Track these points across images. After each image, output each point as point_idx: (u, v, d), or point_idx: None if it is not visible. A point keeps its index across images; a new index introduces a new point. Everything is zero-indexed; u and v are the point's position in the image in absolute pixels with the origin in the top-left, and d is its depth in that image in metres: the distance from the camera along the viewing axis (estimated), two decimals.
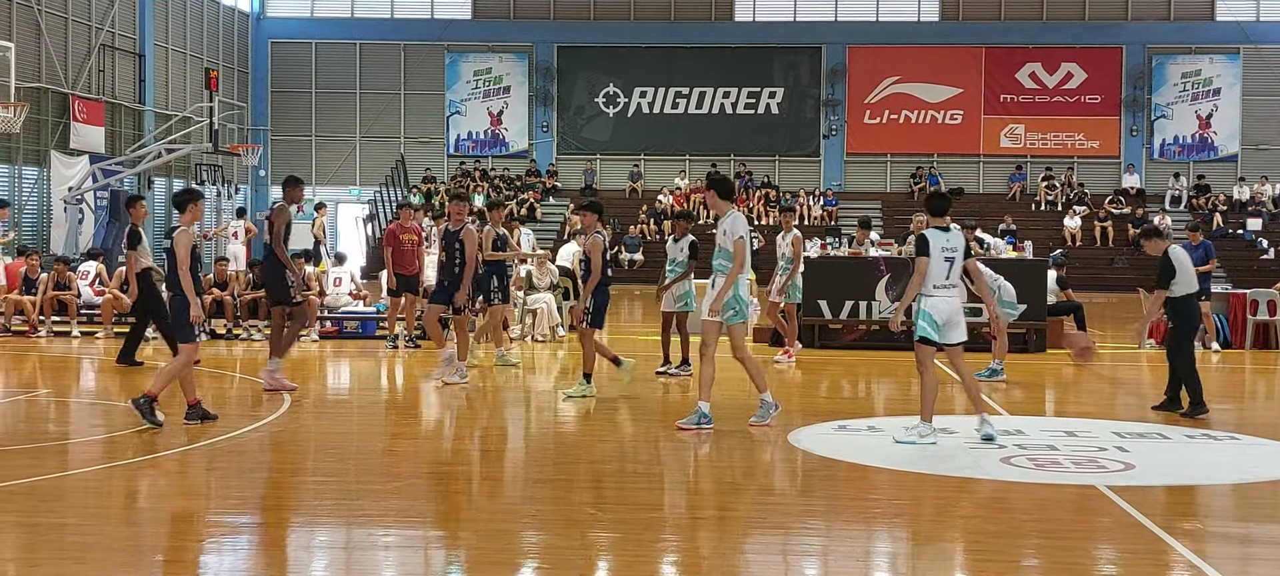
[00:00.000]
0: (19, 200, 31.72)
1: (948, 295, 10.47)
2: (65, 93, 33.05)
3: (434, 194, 41.87)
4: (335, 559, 7.33)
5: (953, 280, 10.48)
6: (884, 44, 44.31)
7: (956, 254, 10.54)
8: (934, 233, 10.46)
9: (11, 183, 31.50)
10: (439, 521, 8.13)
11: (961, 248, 10.57)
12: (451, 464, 10.35)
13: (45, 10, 32.53)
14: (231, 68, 43.28)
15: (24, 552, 7.15)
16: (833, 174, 44.42)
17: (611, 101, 44.97)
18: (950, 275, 10.43)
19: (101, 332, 19.65)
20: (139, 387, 11.94)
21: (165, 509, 8.46)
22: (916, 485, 9.19)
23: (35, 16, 32.05)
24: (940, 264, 10.47)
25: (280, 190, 14.19)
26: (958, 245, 10.52)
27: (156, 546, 7.46)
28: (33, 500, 8.36)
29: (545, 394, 14.35)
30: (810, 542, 7.65)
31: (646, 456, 10.38)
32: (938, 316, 10.42)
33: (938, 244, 10.51)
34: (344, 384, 15.49)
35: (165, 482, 9.09)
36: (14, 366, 16.55)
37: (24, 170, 31.90)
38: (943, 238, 10.46)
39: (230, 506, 8.56)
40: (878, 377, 15.66)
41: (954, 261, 10.53)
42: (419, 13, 44.90)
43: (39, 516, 7.93)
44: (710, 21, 44.66)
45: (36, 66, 31.83)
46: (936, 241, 10.40)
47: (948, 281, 10.46)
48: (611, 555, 7.25)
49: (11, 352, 17.72)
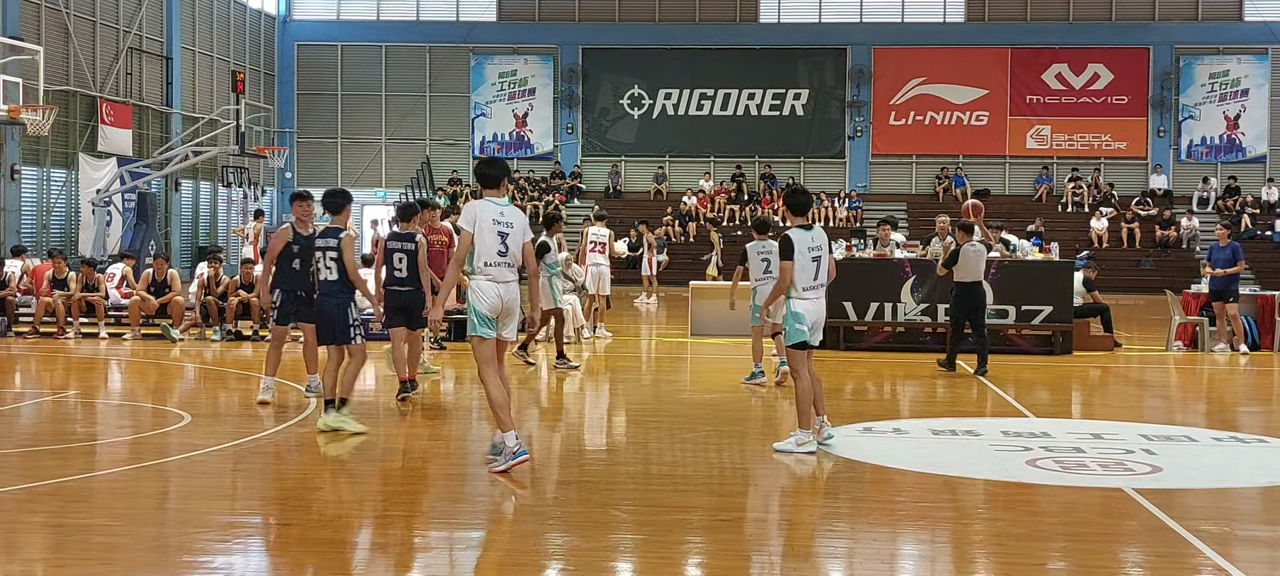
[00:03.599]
0: (47, 202, 31.94)
1: (816, 297, 10.13)
2: (93, 95, 33.27)
3: (459, 196, 41.98)
4: (360, 559, 7.35)
5: (820, 280, 10.12)
6: (909, 45, 44.18)
7: (822, 253, 10.17)
8: (798, 233, 10.00)
9: (40, 185, 31.73)
10: (464, 522, 8.14)
11: (825, 244, 10.19)
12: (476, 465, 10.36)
13: (73, 14, 32.75)
14: (258, 70, 43.49)
15: (51, 553, 7.20)
16: (858, 175, 44.31)
17: (636, 103, 44.99)
18: (818, 275, 10.08)
19: (129, 334, 19.77)
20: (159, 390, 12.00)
21: (191, 510, 8.50)
22: (941, 487, 9.15)
23: (63, 20, 32.29)
24: (808, 264, 10.06)
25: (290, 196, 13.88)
26: (823, 243, 10.14)
27: (182, 547, 7.49)
28: (60, 501, 8.41)
29: (569, 396, 14.36)
30: (835, 545, 7.63)
31: (671, 459, 10.37)
32: (808, 319, 10.03)
33: (803, 244, 10.05)
34: (369, 385, 15.52)
35: (191, 484, 9.13)
36: (42, 367, 16.66)
37: (52, 172, 32.13)
38: (807, 237, 10.04)
39: (255, 508, 8.60)
40: (903, 379, 15.60)
41: (820, 261, 10.14)
42: (445, 15, 45.02)
43: (66, 517, 7.98)
44: (735, 23, 44.63)
45: (65, 69, 32.06)
46: (801, 241, 9.97)
47: (816, 282, 10.11)
48: (636, 557, 7.25)
49: (40, 354, 17.85)
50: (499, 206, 9.31)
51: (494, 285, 9.23)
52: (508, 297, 9.30)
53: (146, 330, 19.92)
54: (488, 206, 9.27)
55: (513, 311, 9.39)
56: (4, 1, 29.24)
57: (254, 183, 40.03)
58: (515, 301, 9.39)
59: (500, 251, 9.21)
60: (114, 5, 35.03)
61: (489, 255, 9.20)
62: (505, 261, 9.24)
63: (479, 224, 9.19)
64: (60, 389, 14.47)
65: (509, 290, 9.31)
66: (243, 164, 37.71)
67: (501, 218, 9.25)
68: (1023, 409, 12.85)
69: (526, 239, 9.43)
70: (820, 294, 10.16)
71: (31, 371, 16.38)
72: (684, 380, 16.10)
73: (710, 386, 15.14)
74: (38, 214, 31.68)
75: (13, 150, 29.89)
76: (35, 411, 12.86)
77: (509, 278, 9.31)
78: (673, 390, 14.98)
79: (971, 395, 14.26)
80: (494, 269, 9.21)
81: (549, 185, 43.24)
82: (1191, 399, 15.14)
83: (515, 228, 9.30)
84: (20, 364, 16.99)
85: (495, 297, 9.23)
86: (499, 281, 9.23)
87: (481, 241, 9.20)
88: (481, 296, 9.24)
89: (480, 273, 9.27)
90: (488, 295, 9.23)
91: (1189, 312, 19.79)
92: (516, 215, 9.40)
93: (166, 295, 19.87)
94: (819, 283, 10.12)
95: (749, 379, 14.35)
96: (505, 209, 9.33)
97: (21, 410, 12.96)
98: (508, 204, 9.42)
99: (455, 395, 14.07)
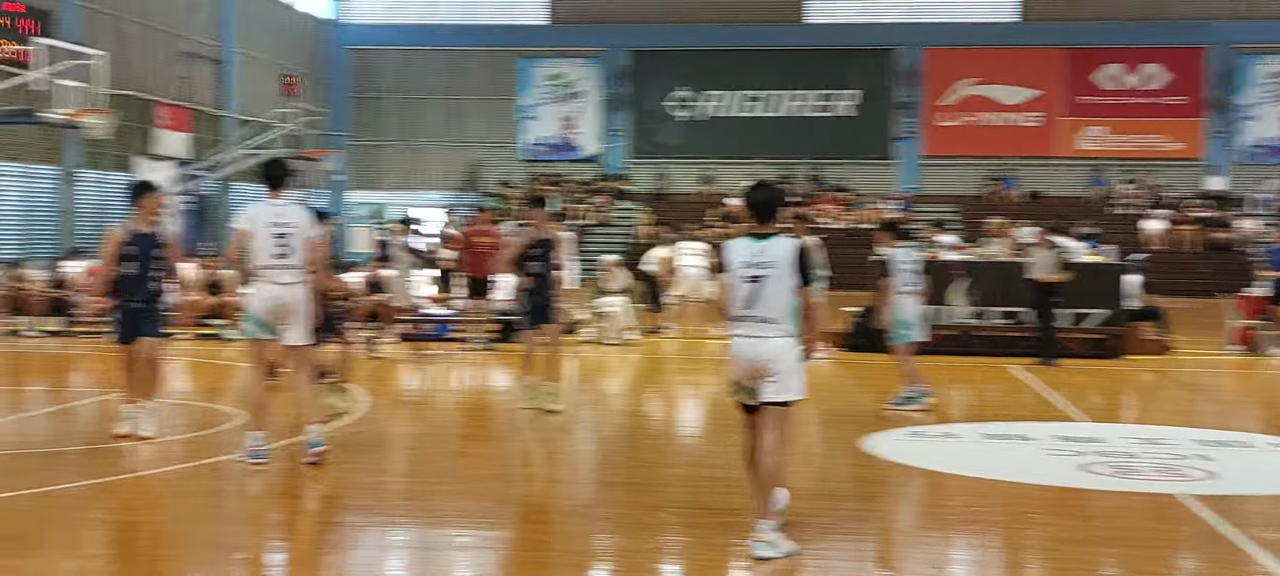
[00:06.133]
0: (106, 204, 32.37)
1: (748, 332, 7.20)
2: (149, 99, 33.70)
3: (507, 199, 42.14)
4: (411, 558, 7.42)
5: (759, 312, 7.13)
6: (959, 45, 43.86)
7: (290, 231, 9.32)
8: (740, 244, 7.29)
9: (99, 188, 32.19)
10: (512, 522, 8.20)
11: (302, 225, 9.20)
12: (524, 465, 10.42)
13: (131, 19, 33.20)
14: (310, 74, 43.87)
15: (110, 548, 7.32)
16: (908, 177, 44.08)
17: (683, 105, 44.97)
18: (755, 303, 7.14)
19: (184, 334, 19.99)
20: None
21: (246, 508, 8.62)
22: (991, 492, 9.11)
23: (121, 25, 32.73)
24: (267, 240, 9.28)
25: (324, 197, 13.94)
26: (294, 220, 9.17)
27: (236, 544, 7.60)
28: (119, 497, 8.56)
29: (616, 397, 14.40)
30: (884, 549, 7.62)
31: (721, 460, 10.38)
32: (262, 312, 9.11)
33: (264, 218, 9.34)
34: (419, 386, 15.65)
35: (246, 482, 9.24)
36: (98, 366, 16.91)
37: (110, 175, 32.57)
38: (752, 249, 7.24)
39: (309, 506, 8.70)
40: (952, 383, 15.51)
41: (287, 237, 9.29)
42: (495, 19, 45.21)
43: (125, 514, 8.11)
44: (782, 24, 44.50)
45: (123, 74, 32.49)
46: (737, 255, 7.23)
47: (749, 312, 7.17)
48: (683, 559, 7.27)
49: (98, 353, 18.11)
50: (277, 208, 9.44)
51: (269, 287, 9.36)
52: (287, 298, 9.40)
53: (200, 330, 20.16)
54: (265, 208, 9.43)
55: (292, 313, 9.42)
56: (64, 8, 29.70)
57: (306, 186, 40.38)
58: (296, 303, 9.42)
59: (276, 254, 9.33)
60: (169, 10, 35.45)
61: (264, 258, 9.33)
62: (285, 264, 9.33)
63: (255, 225, 9.34)
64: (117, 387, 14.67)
65: (289, 292, 9.40)
66: (295, 167, 38.06)
67: (281, 219, 9.39)
68: (1075, 413, 12.75)
69: (308, 237, 9.48)
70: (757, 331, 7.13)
71: (90, 370, 16.64)
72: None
73: None
74: (97, 216, 32.14)
75: (72, 154, 30.34)
76: (94, 410, 13.06)
77: (288, 280, 9.40)
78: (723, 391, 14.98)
79: (1022, 399, 14.16)
80: (270, 270, 9.34)
81: (594, 188, 43.31)
82: (1248, 403, 14.96)
83: (295, 228, 9.41)
84: (79, 363, 17.27)
85: (270, 299, 9.37)
86: (274, 282, 9.36)
87: (257, 243, 9.33)
88: (255, 297, 9.42)
89: (255, 274, 9.39)
90: (261, 296, 9.39)
91: (1246, 316, 19.54)
92: (298, 214, 9.51)
93: (220, 296, 20.10)
94: (755, 315, 7.13)
95: (900, 403, 12.39)
96: (285, 209, 9.45)
97: (80, 409, 13.18)
98: (287, 205, 9.50)
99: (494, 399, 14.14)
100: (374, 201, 41.36)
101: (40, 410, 13.02)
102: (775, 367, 7.09)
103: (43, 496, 8.46)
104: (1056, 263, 16.66)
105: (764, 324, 7.09)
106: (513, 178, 44.08)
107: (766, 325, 7.09)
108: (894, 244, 12.64)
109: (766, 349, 7.08)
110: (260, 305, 9.39)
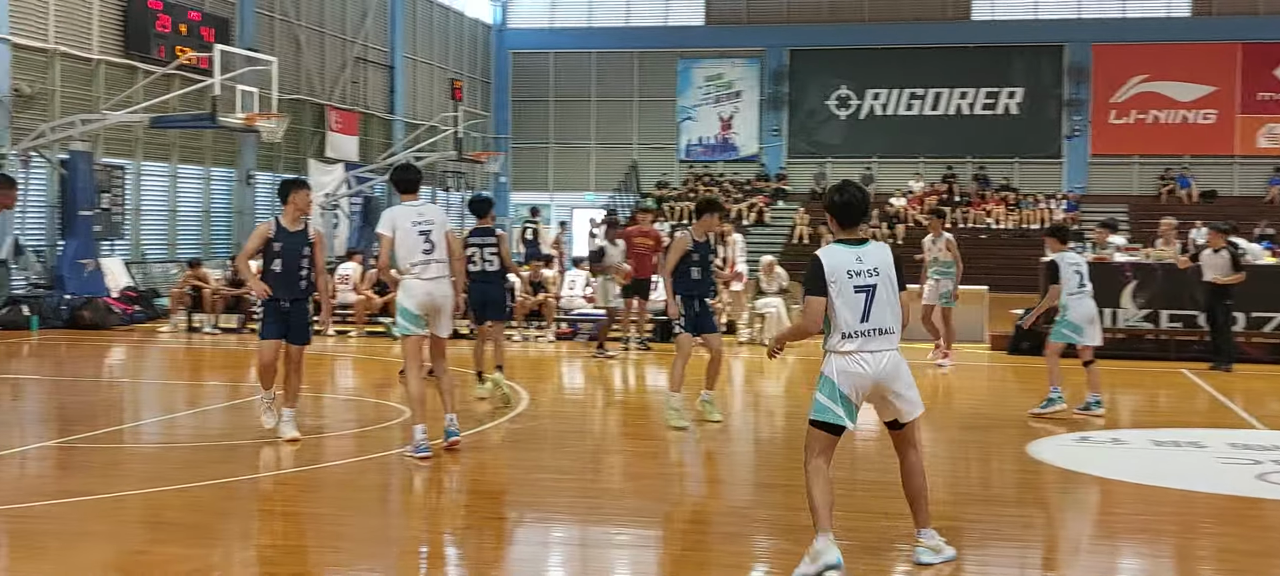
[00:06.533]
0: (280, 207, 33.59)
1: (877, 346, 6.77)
2: (322, 104, 34.80)
3: (665, 200, 42.35)
4: (571, 555, 7.54)
5: (876, 324, 6.69)
6: (1131, 41, 42.55)
7: (431, 227, 9.79)
8: (836, 250, 6.81)
9: (274, 189, 33.35)
10: (670, 522, 8.26)
11: (885, 266, 6.77)
12: (682, 464, 10.49)
13: (304, 26, 34.32)
14: (475, 78, 44.76)
15: (285, 540, 7.61)
16: (1076, 176, 42.93)
17: (844, 104, 44.58)
18: (869, 315, 6.68)
19: (355, 332, 20.62)
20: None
21: (413, 501, 8.85)
22: (1162, 500, 8.84)
23: (295, 32, 33.86)
24: (414, 239, 9.70)
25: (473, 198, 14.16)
26: (880, 264, 6.71)
27: (406, 536, 7.82)
28: (293, 490, 8.88)
29: (774, 398, 14.36)
30: (1051, 557, 7.46)
31: (879, 463, 10.28)
32: (845, 385, 6.73)
33: (406, 220, 9.74)
34: (577, 384, 15.85)
35: (412, 476, 9.49)
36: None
37: (285, 177, 33.74)
38: (848, 257, 6.75)
39: (472, 500, 8.90)
40: (1122, 388, 15.07)
41: (430, 233, 9.75)
42: (653, 21, 45.49)
43: (298, 506, 8.41)
44: (947, 21, 43.77)
45: (296, 79, 33.62)
46: (838, 263, 6.73)
47: (866, 326, 6.70)
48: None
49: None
50: (416, 208, 9.86)
51: (421, 283, 9.70)
52: (438, 294, 9.77)
53: (371, 328, 20.76)
54: (404, 210, 9.84)
55: (441, 308, 9.81)
56: (241, 15, 30.88)
57: (471, 187, 41.20)
58: (445, 298, 9.81)
59: (424, 251, 9.70)
60: (342, 17, 36.56)
61: (415, 256, 9.69)
62: (432, 258, 9.70)
63: (398, 229, 9.74)
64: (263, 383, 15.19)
65: (439, 287, 9.76)
66: (461, 169, 38.85)
67: (421, 217, 9.79)
68: (1252, 420, 12.28)
69: (448, 231, 9.90)
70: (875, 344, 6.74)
71: None
72: None
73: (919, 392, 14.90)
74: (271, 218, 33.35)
75: (249, 156, 31.53)
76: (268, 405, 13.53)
77: (437, 275, 9.76)
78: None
79: (1196, 405, 13.70)
80: (419, 267, 9.69)
81: (754, 188, 43.22)
82: None
83: (435, 225, 9.79)
84: (255, 359, 17.90)
85: (423, 295, 9.72)
86: (425, 278, 9.70)
87: (403, 244, 9.70)
88: (408, 294, 9.74)
89: (407, 272, 9.73)
90: (415, 293, 9.72)
91: None
92: (436, 212, 9.95)
93: (388, 295, 20.67)
94: (871, 327, 6.71)
95: (1045, 406, 12.25)
96: (423, 208, 9.88)
97: (255, 404, 13.68)
98: (425, 204, 9.95)
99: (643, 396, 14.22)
100: (535, 202, 41.93)
101: (217, 404, 13.56)
102: (902, 382, 6.79)
103: (221, 487, 8.84)
104: (1228, 264, 16.14)
105: (882, 336, 6.68)
106: (672, 178, 44.31)
107: (884, 337, 6.69)
108: (1062, 247, 12.43)
109: (888, 363, 6.70)
110: (413, 302, 9.74)
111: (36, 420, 12.36)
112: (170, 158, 28.62)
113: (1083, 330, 12.28)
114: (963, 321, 19.76)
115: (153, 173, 28.28)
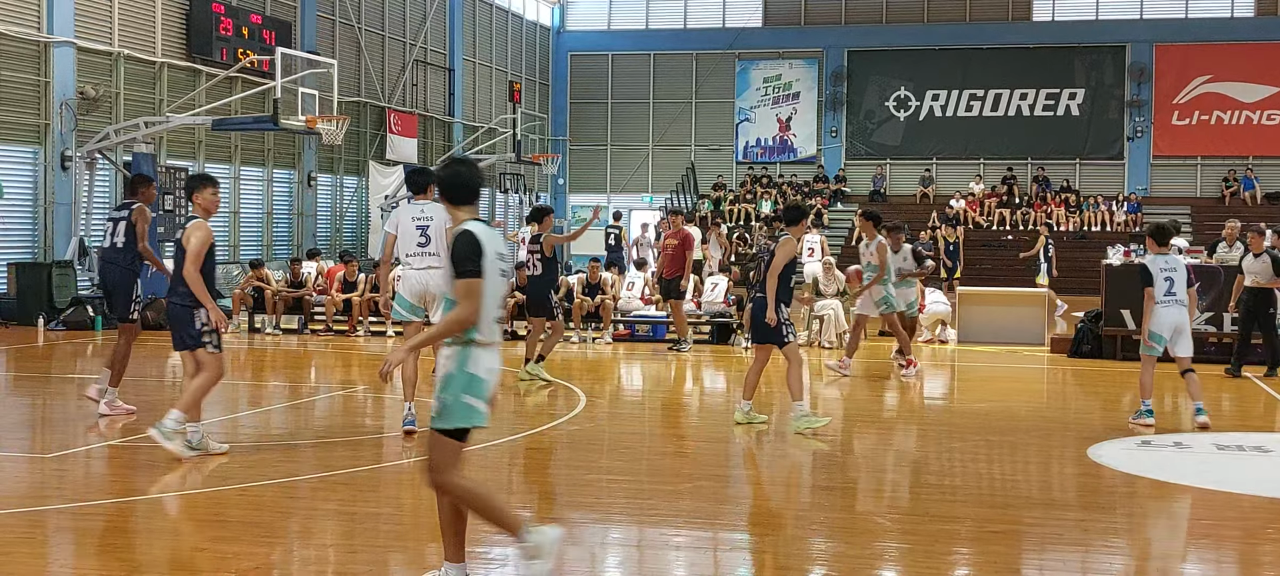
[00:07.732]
0: (340, 207, 33.85)
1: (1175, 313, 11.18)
2: (382, 106, 35.11)
3: (723, 201, 42.32)
4: (628, 556, 7.56)
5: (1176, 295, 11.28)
6: (1194, 42, 41.99)
7: (429, 224, 10.43)
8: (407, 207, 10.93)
9: (334, 191, 33.68)
10: (727, 524, 8.26)
11: (440, 219, 10.13)
12: (739, 466, 10.48)
13: (365, 29, 34.64)
14: (533, 80, 44.96)
15: (343, 539, 7.68)
16: (1138, 178, 42.41)
17: (902, 105, 44.33)
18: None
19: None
20: None
21: None
22: (1225, 504, 8.72)
23: (356, 35, 34.19)
24: (411, 233, 10.45)
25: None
26: (433, 215, 10.38)
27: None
28: (352, 490, 8.96)
29: (830, 400, 14.31)
30: (1111, 562, 7.38)
31: (938, 466, 10.22)
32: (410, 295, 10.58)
33: (408, 216, 10.63)
34: (635, 385, 15.88)
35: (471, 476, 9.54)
36: (335, 364, 17.73)
37: (345, 179, 34.04)
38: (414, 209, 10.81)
39: (530, 502, 8.94)
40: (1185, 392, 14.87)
41: (426, 229, 10.42)
42: (711, 22, 45.47)
43: (357, 505, 8.49)
44: (1007, 22, 43.41)
45: (356, 81, 33.94)
46: (407, 214, 10.91)
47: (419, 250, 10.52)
48: (901, 566, 7.20)
49: (333, 351, 18.98)
50: (419, 206, 10.59)
51: (414, 272, 10.43)
52: (430, 283, 10.40)
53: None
54: (408, 209, 10.64)
55: (433, 295, 10.44)
56: (302, 18, 31.23)
57: (529, 189, 41.39)
58: (436, 286, 10.37)
59: (419, 243, 10.42)
60: (402, 20, 36.87)
61: (409, 247, 10.43)
62: (425, 251, 10.41)
63: (400, 225, 10.59)
64: (350, 384, 15.36)
65: (431, 277, 10.38)
66: (519, 171, 39.05)
67: (422, 215, 10.50)
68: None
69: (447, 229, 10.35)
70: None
71: (325, 367, 17.46)
72: (951, 387, 15.81)
73: (979, 395, 14.82)
74: (332, 218, 33.63)
75: (310, 159, 31.88)
76: (327, 405, 13.71)
77: (426, 265, 10.43)
78: (939, 396, 14.75)
79: (1259, 409, 13.50)
80: (413, 258, 10.44)
81: (811, 189, 43.08)
82: None
83: (433, 221, 10.41)
84: (315, 360, 18.14)
85: (416, 282, 10.44)
86: (417, 268, 10.43)
87: (403, 237, 10.51)
88: (403, 283, 10.55)
89: (403, 263, 10.54)
90: (408, 281, 10.42)
91: None
92: (437, 210, 10.36)
93: None
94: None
95: (1137, 417, 11.91)
96: (426, 207, 10.54)
97: (315, 403, 13.85)
98: (428, 204, 10.55)
99: (710, 400, 14.20)
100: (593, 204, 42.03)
101: (279, 404, 13.72)
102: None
103: (283, 487, 8.95)
104: (1269, 268, 15.82)
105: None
106: (729, 180, 44.28)
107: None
108: (1160, 249, 11.88)
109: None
110: (407, 289, 10.52)
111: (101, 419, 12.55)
112: (232, 160, 29.00)
113: (1167, 340, 11.72)
114: (1022, 324, 19.60)
115: (215, 175, 28.59)
